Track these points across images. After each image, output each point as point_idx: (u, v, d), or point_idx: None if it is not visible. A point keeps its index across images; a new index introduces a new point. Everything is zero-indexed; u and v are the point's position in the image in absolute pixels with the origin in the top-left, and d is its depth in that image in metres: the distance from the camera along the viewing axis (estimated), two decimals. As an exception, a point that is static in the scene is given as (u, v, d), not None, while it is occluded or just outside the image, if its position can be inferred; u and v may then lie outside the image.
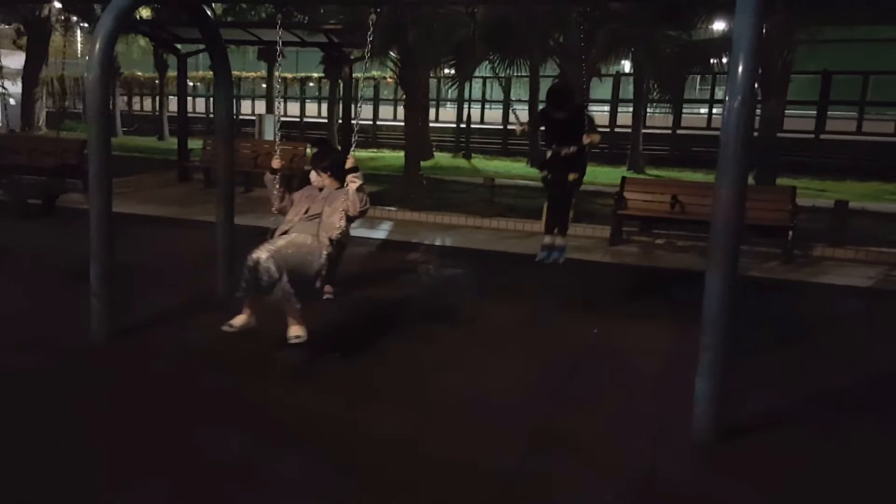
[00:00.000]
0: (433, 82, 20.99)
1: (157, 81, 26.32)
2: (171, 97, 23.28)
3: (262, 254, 4.72)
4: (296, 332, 4.84)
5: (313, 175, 5.39)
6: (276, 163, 5.38)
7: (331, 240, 4.95)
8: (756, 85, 3.83)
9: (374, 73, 24.05)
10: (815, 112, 18.93)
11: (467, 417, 4.25)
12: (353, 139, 5.43)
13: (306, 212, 5.19)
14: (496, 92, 24.60)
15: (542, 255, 6.49)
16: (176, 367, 4.85)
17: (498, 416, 4.29)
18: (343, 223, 5.01)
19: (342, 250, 5.23)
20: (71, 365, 4.82)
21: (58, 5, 21.27)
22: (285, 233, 5.11)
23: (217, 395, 4.44)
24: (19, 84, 23.55)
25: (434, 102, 22.95)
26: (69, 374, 4.69)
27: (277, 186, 5.36)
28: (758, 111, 11.92)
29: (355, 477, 3.58)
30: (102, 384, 4.58)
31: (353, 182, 5.07)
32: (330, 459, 3.73)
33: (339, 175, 5.25)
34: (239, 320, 4.92)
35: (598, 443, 4.00)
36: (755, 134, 11.34)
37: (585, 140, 6.11)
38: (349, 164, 5.17)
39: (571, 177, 6.23)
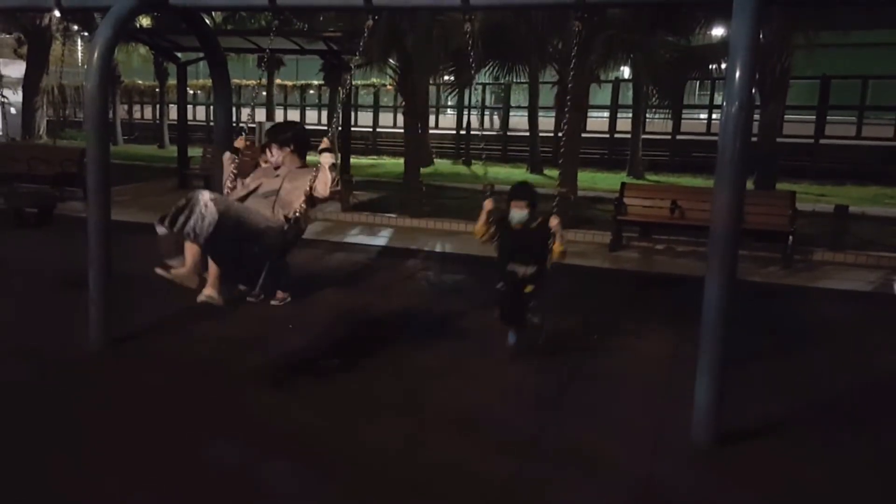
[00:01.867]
0: (432, 89, 21.01)
1: (157, 90, 26.38)
2: (171, 105, 23.32)
3: (208, 194, 4.34)
4: (209, 293, 4.58)
5: (270, 152, 4.94)
6: (239, 142, 5.08)
7: (287, 218, 4.55)
8: (754, 90, 3.84)
9: (374, 80, 24.10)
10: (814, 117, 18.94)
11: (465, 425, 4.23)
12: (331, 128, 5.30)
13: (257, 189, 4.79)
14: (496, 98, 24.66)
15: (512, 339, 5.26)
16: (173, 376, 4.83)
17: (496, 423, 4.27)
18: (303, 204, 4.62)
19: (297, 236, 4.76)
20: (68, 374, 4.81)
21: (58, 14, 21.28)
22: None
23: (214, 405, 4.42)
24: (20, 93, 23.60)
25: (433, 109, 22.98)
26: (66, 383, 4.68)
27: (233, 168, 5.00)
28: (757, 116, 11.93)
29: (352, 486, 3.56)
30: (100, 393, 4.56)
31: (327, 159, 4.70)
32: (327, 469, 3.71)
33: (302, 151, 4.90)
34: (179, 271, 4.63)
35: (597, 450, 3.98)
36: (754, 139, 11.36)
37: (556, 252, 4.92)
38: (324, 144, 4.86)
39: (528, 289, 5.00)
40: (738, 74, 3.77)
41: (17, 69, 24.81)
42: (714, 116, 20.90)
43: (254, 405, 4.41)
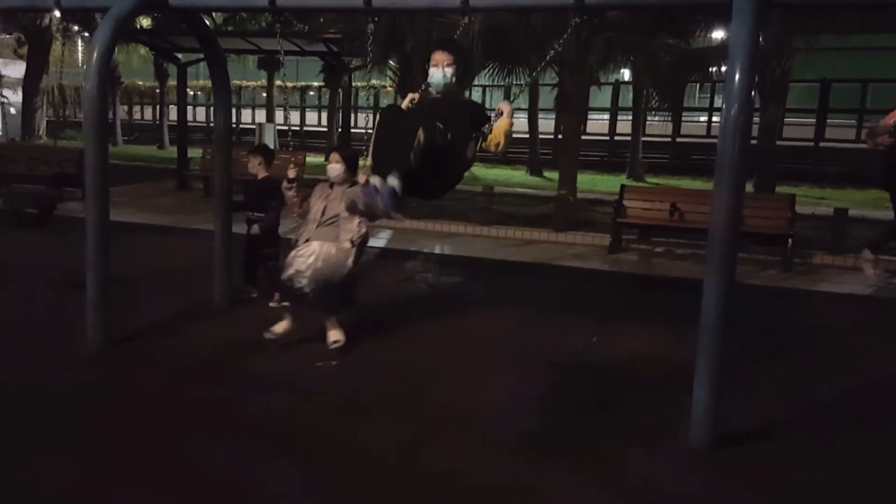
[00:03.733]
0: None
1: (157, 90, 26.38)
2: (171, 106, 23.32)
3: (295, 271, 5.07)
4: (335, 336, 5.24)
5: (333, 159, 5.45)
6: (291, 173, 5.45)
7: (352, 242, 5.12)
8: (754, 93, 3.84)
9: (374, 81, 24.10)
10: (814, 120, 18.94)
11: (464, 427, 4.22)
12: (365, 151, 5.37)
13: (323, 213, 5.31)
14: (496, 100, 24.67)
15: None
16: (171, 377, 4.82)
17: (494, 424, 4.27)
18: (363, 228, 5.13)
19: (363, 250, 5.38)
20: (66, 375, 4.80)
21: (58, 15, 21.28)
22: (307, 240, 5.27)
23: (212, 405, 4.41)
24: (20, 93, 23.60)
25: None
26: (64, 385, 4.67)
27: (294, 193, 5.42)
28: (756, 119, 11.93)
29: (349, 488, 3.56)
30: (98, 395, 4.55)
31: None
32: (324, 471, 3.70)
33: (353, 168, 5.35)
34: (281, 326, 5.26)
35: (596, 452, 3.98)
36: (754, 142, 11.34)
37: (496, 132, 3.74)
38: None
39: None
40: (737, 77, 3.77)
41: (17, 69, 24.80)
42: (714, 119, 20.91)
43: (252, 407, 4.40)
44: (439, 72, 3.81)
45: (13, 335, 5.56)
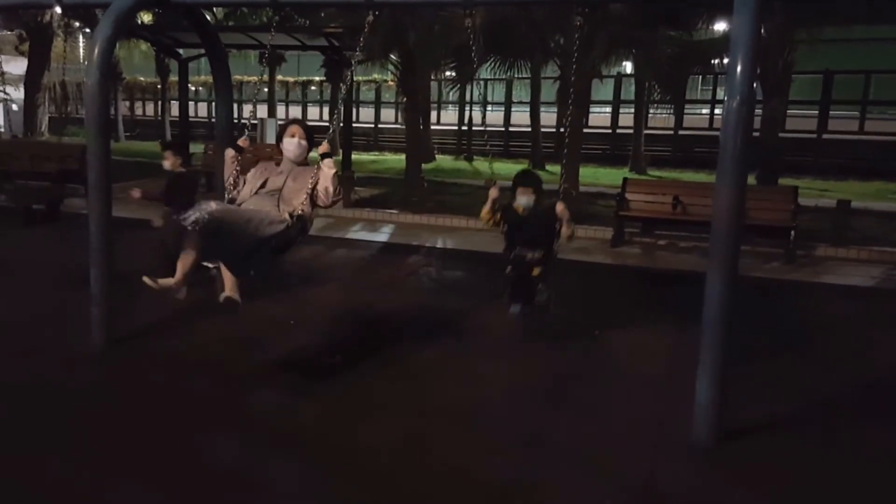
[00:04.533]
0: (434, 85, 20.99)
1: (158, 86, 26.39)
2: (172, 102, 23.33)
3: (210, 206, 4.14)
4: (230, 293, 4.56)
5: (294, 133, 4.87)
6: (242, 141, 5.05)
7: (290, 215, 4.47)
8: (756, 85, 3.83)
9: (376, 76, 24.09)
10: (817, 112, 18.89)
11: (466, 424, 4.22)
12: (331, 125, 5.30)
13: (263, 185, 4.74)
14: (498, 94, 24.62)
15: (514, 310, 5.46)
16: (175, 375, 4.83)
17: (496, 420, 4.27)
18: (307, 206, 4.57)
19: (300, 234, 4.59)
20: (70, 373, 4.81)
21: (59, 11, 21.27)
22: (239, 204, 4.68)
23: (215, 404, 4.42)
24: (22, 90, 23.60)
25: (435, 105, 22.95)
26: (67, 382, 4.68)
27: (235, 166, 4.95)
28: (759, 111, 11.90)
29: (351, 485, 3.56)
30: (101, 392, 4.56)
31: (328, 167, 4.63)
32: (325, 468, 3.70)
33: (311, 144, 4.89)
34: (166, 280, 4.36)
35: (598, 448, 3.98)
36: (756, 134, 11.33)
37: (566, 234, 5.18)
38: (323, 148, 4.76)
39: (536, 271, 5.23)
40: (739, 69, 3.76)
41: (18, 66, 24.79)
42: (716, 111, 20.86)
43: (255, 404, 4.41)
44: (526, 198, 5.32)
45: (18, 332, 5.57)
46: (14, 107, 25.38)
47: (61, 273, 6.72)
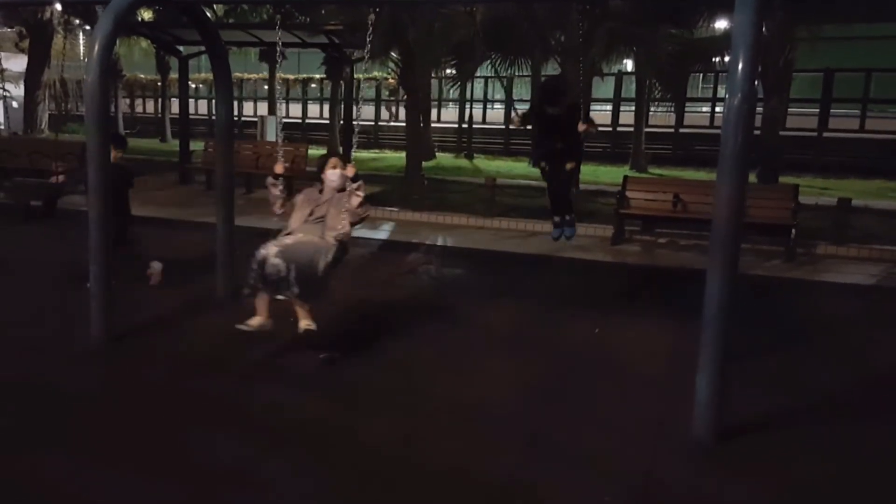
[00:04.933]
0: (434, 83, 20.96)
1: (158, 83, 26.35)
2: (173, 99, 23.30)
3: (270, 250, 4.82)
4: (306, 323, 4.98)
5: (333, 165, 5.32)
6: (278, 168, 5.34)
7: (335, 239, 5.03)
8: (757, 83, 3.82)
9: (376, 73, 24.05)
10: (817, 110, 18.87)
11: (464, 421, 4.22)
12: (353, 140, 5.37)
13: (310, 214, 5.21)
14: (498, 92, 24.60)
15: (555, 234, 6.53)
16: (174, 371, 4.83)
17: (495, 419, 4.27)
18: (347, 227, 5.07)
19: (344, 254, 5.18)
20: (69, 370, 4.81)
21: (59, 8, 21.27)
22: (289, 234, 5.14)
23: (214, 401, 4.42)
24: (22, 87, 23.58)
25: (436, 103, 22.93)
26: (67, 379, 4.68)
27: (280, 189, 5.29)
28: (759, 109, 11.89)
29: (348, 483, 3.56)
30: (100, 389, 4.57)
31: (356, 196, 5.10)
32: (324, 465, 3.70)
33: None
34: (256, 321, 4.97)
35: (598, 445, 3.98)
36: (757, 132, 11.32)
37: (581, 128, 5.94)
38: (350, 172, 5.13)
39: (569, 166, 6.26)
40: (740, 67, 3.75)
41: (18, 63, 24.76)
42: (717, 109, 20.84)
43: (254, 401, 4.41)
44: (553, 108, 6.06)
45: (16, 329, 5.57)
46: (14, 104, 25.36)
47: (60, 270, 6.71)
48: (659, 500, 3.54)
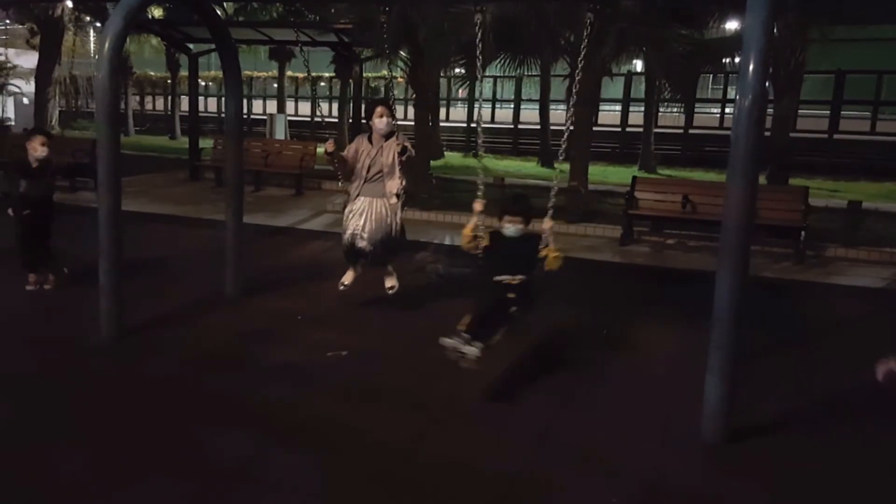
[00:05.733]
0: (443, 81, 20.96)
1: (168, 81, 26.44)
2: (182, 97, 23.38)
3: (356, 231, 5.80)
4: (391, 282, 6.14)
5: (382, 112, 5.86)
6: (330, 146, 5.86)
7: (397, 196, 5.85)
8: (768, 84, 3.80)
9: (384, 72, 24.06)
10: (828, 111, 18.79)
11: (473, 421, 4.22)
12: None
13: (368, 172, 5.87)
14: (507, 91, 24.59)
15: (453, 342, 4.44)
16: (183, 367, 4.85)
17: (503, 418, 4.26)
18: (403, 180, 5.88)
19: (405, 199, 6.02)
20: (78, 365, 4.84)
21: (70, 5, 21.37)
22: (358, 195, 5.90)
23: (222, 396, 4.43)
24: (32, 83, 23.69)
25: (444, 102, 22.93)
26: (77, 375, 4.70)
27: (336, 163, 5.94)
28: (770, 111, 11.84)
29: (356, 479, 3.56)
30: (109, 384, 4.58)
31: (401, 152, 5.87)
32: (332, 461, 3.71)
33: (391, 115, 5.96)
34: (348, 277, 6.08)
35: (606, 446, 3.96)
36: (767, 134, 11.26)
37: (548, 263, 4.72)
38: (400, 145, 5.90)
39: (513, 310, 4.63)
40: (751, 68, 3.73)
41: (29, 60, 24.89)
42: (727, 110, 20.78)
43: (261, 397, 4.41)
44: (514, 227, 4.87)
45: (26, 325, 5.61)
46: (25, 100, 25.51)
47: (71, 266, 6.73)
48: (666, 501, 3.52)
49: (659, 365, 5.15)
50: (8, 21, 28.04)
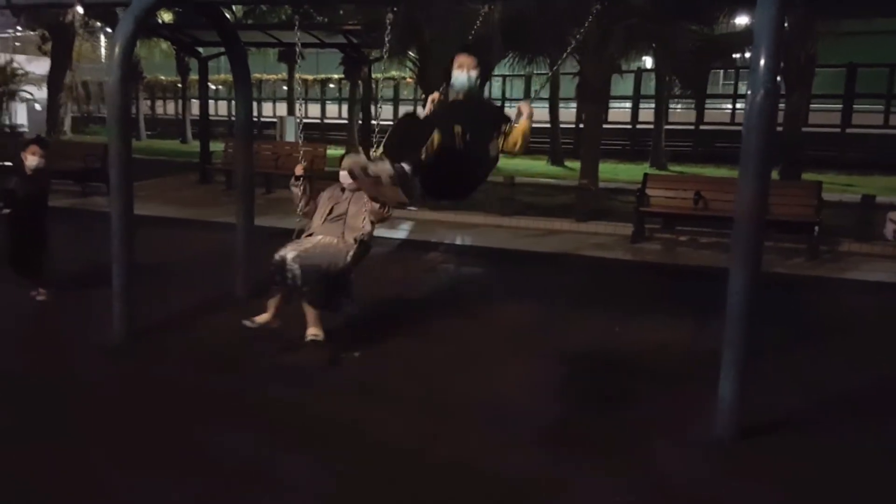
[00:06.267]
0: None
1: (179, 85, 26.56)
2: (193, 100, 23.48)
3: (288, 253, 4.81)
4: (313, 332, 4.94)
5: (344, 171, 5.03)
6: (298, 169, 5.40)
7: (355, 240, 5.01)
8: (779, 79, 3.78)
9: (394, 73, 24.07)
10: (840, 106, 18.64)
11: (486, 420, 4.21)
12: (374, 140, 5.33)
13: (330, 212, 5.23)
14: (517, 90, 24.54)
15: None
16: (193, 368, 4.86)
17: (513, 416, 4.25)
18: (368, 226, 5.03)
19: (366, 252, 5.15)
20: (90, 366, 4.87)
21: (80, 10, 21.51)
22: (310, 235, 5.17)
23: (230, 397, 4.44)
24: (44, 89, 23.86)
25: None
26: (88, 376, 4.73)
27: (302, 190, 5.36)
28: (781, 106, 11.76)
29: (363, 480, 3.56)
30: (120, 386, 4.60)
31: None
32: (339, 463, 3.70)
33: None
34: (262, 318, 5.03)
35: (619, 444, 3.95)
36: (779, 129, 11.19)
37: (512, 135, 3.79)
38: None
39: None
40: (762, 62, 3.70)
41: (41, 66, 25.06)
42: (738, 106, 20.66)
43: (269, 399, 4.42)
44: (463, 74, 3.88)
45: (39, 327, 5.64)
46: (37, 106, 25.68)
47: (80, 269, 6.77)
48: (680, 498, 3.50)
49: (671, 363, 5.12)
50: (20, 27, 28.25)
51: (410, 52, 13.94)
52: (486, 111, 3.90)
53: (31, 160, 5.94)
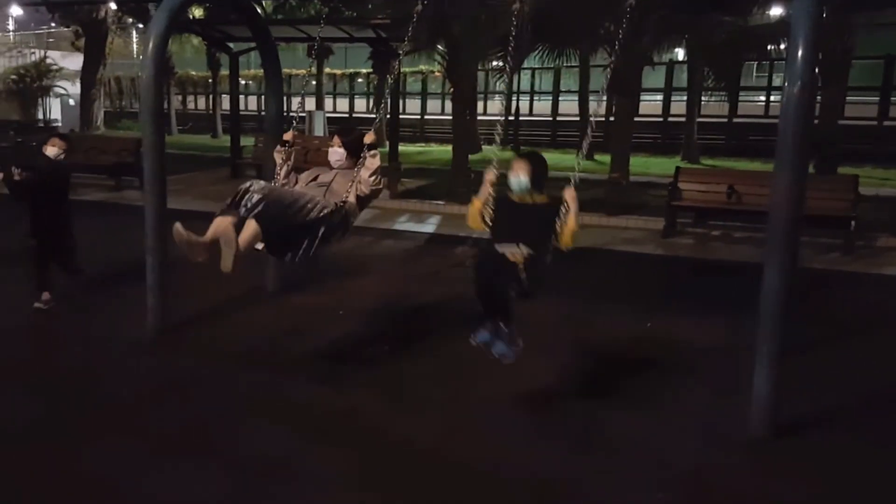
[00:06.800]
0: (481, 75, 20.87)
1: (210, 80, 26.81)
2: (223, 95, 23.69)
3: (255, 185, 4.27)
4: (228, 256, 4.16)
5: (334, 143, 4.91)
6: (288, 135, 5.16)
7: (335, 204, 4.46)
8: (816, 71, 3.69)
9: (422, 67, 24.07)
10: (877, 98, 18.26)
11: (509, 416, 4.19)
12: (376, 119, 5.24)
13: (314, 179, 4.86)
14: (546, 83, 24.39)
15: (481, 338, 4.10)
16: (221, 362, 4.90)
17: (543, 413, 4.24)
18: (351, 195, 4.57)
19: (342, 225, 4.56)
20: (123, 357, 4.95)
21: (113, 7, 21.80)
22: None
23: (261, 392, 4.48)
24: (78, 85, 24.25)
25: (482, 95, 22.83)
26: (122, 369, 4.81)
27: (283, 158, 5.08)
28: (817, 98, 11.54)
29: (390, 477, 3.56)
30: (154, 379, 4.66)
31: (368, 165, 4.59)
32: (361, 458, 3.70)
33: (355, 154, 4.74)
34: (195, 236, 4.19)
35: (650, 441, 3.91)
36: (815, 122, 10.98)
37: (563, 236, 4.08)
38: (368, 138, 4.66)
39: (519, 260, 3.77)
40: (800, 54, 3.62)
41: (75, 62, 25.47)
42: (772, 98, 20.33)
43: (295, 393, 4.45)
44: (516, 178, 4.23)
45: (74, 320, 5.73)
46: (70, 101, 26.11)
47: (115, 263, 6.86)
48: (713, 498, 3.46)
49: (704, 359, 5.05)
50: (54, 24, 28.72)
51: (439, 46, 13.90)
52: (549, 214, 4.14)
53: (51, 150, 5.99)
